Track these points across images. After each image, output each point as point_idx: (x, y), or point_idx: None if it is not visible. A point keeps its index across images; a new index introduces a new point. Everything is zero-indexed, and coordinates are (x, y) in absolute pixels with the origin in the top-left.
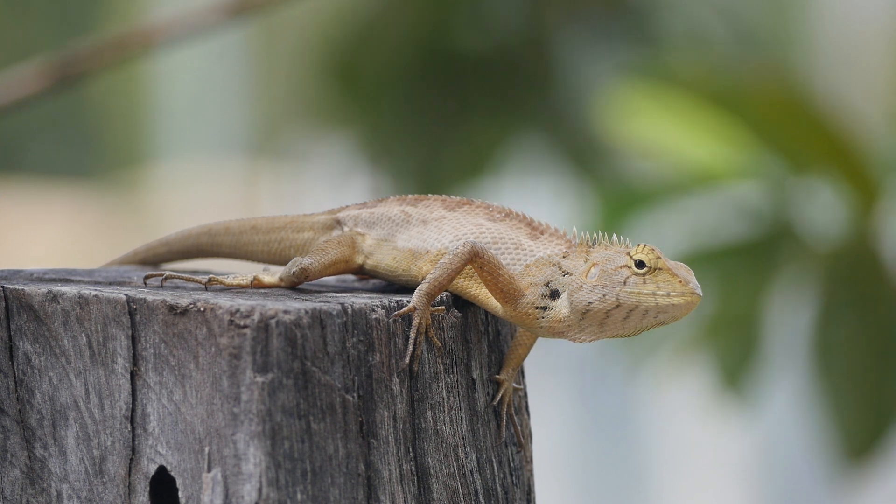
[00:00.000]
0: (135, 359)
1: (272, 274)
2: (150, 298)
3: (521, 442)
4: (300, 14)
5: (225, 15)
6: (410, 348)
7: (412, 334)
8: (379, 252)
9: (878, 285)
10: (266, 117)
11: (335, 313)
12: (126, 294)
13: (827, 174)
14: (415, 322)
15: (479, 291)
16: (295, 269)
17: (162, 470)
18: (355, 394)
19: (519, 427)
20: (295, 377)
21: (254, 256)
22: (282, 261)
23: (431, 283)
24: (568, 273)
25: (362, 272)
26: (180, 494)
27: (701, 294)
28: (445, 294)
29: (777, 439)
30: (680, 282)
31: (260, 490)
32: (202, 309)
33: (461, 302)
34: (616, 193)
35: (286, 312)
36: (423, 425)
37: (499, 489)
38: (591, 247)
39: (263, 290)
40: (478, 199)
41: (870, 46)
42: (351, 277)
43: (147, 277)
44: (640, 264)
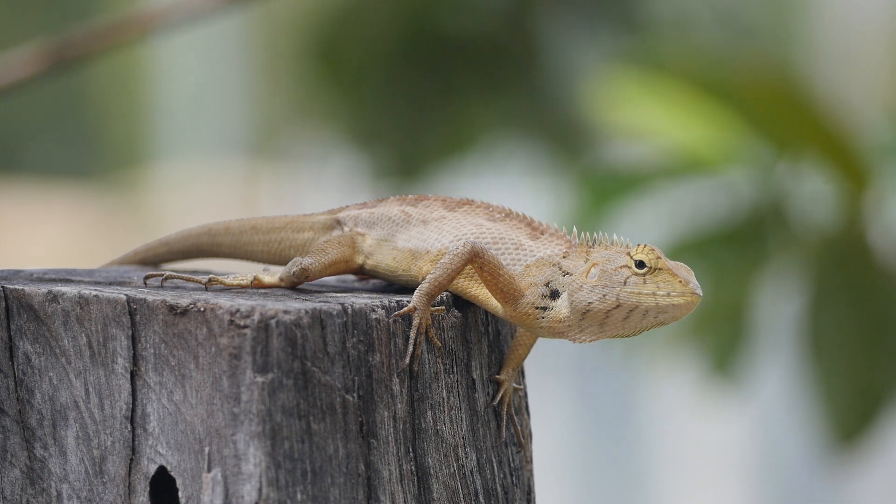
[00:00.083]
0: (135, 359)
1: (272, 274)
2: (150, 298)
3: (521, 442)
4: None
5: (222, 1)
6: (410, 348)
7: (412, 334)
8: (379, 252)
9: (869, 272)
10: (266, 117)
11: (335, 313)
12: (126, 294)
13: (817, 160)
14: (415, 322)
15: (480, 291)
16: (295, 269)
17: (162, 470)
18: (355, 394)
19: (519, 427)
20: (295, 377)
21: (254, 256)
22: (282, 261)
23: (431, 283)
24: (568, 273)
25: (362, 272)
26: (180, 494)
27: (701, 294)
28: (445, 294)
29: (768, 425)
30: (680, 282)
31: (260, 490)
32: (202, 309)
33: (461, 302)
34: (602, 178)
35: (286, 312)
36: (423, 425)
37: (499, 489)
38: (592, 247)
39: (263, 291)
40: (478, 199)
41: (864, 36)
42: (351, 277)
43: (147, 277)
44: (641, 264)
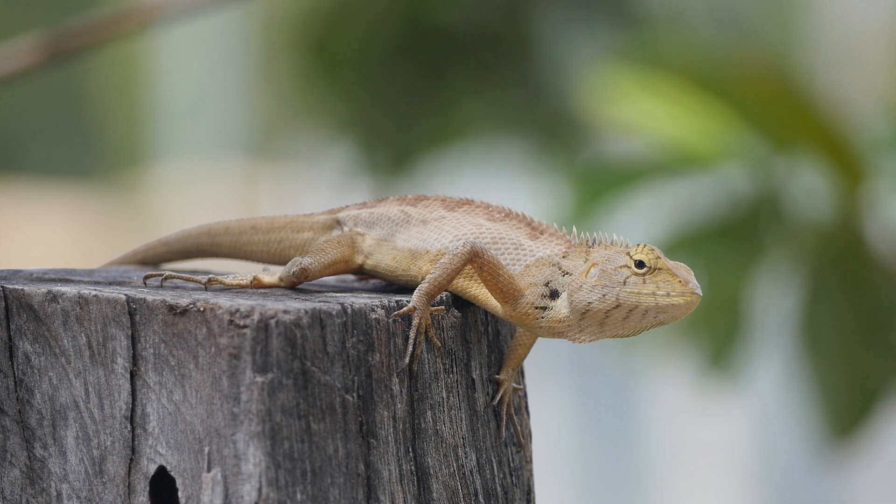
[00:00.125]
0: (135, 359)
1: (272, 274)
2: (150, 298)
3: (521, 442)
4: None
5: None
6: (410, 348)
7: (412, 334)
8: (379, 252)
9: (864, 266)
10: (266, 117)
11: (335, 313)
12: (126, 294)
13: (812, 155)
14: (414, 322)
15: (479, 291)
16: (295, 269)
17: (162, 470)
18: (355, 394)
19: (519, 427)
20: (295, 377)
21: (253, 256)
22: (281, 261)
23: (431, 283)
24: (568, 273)
25: (362, 272)
26: (180, 494)
27: (701, 294)
28: (445, 294)
29: (764, 420)
30: (679, 282)
31: (260, 490)
32: (202, 309)
33: (461, 302)
34: (596, 173)
35: (286, 312)
36: (423, 425)
37: (498, 489)
38: (591, 247)
39: (263, 290)
40: (477, 199)
41: (863, 34)
42: (351, 277)
43: (147, 277)
44: (640, 264)
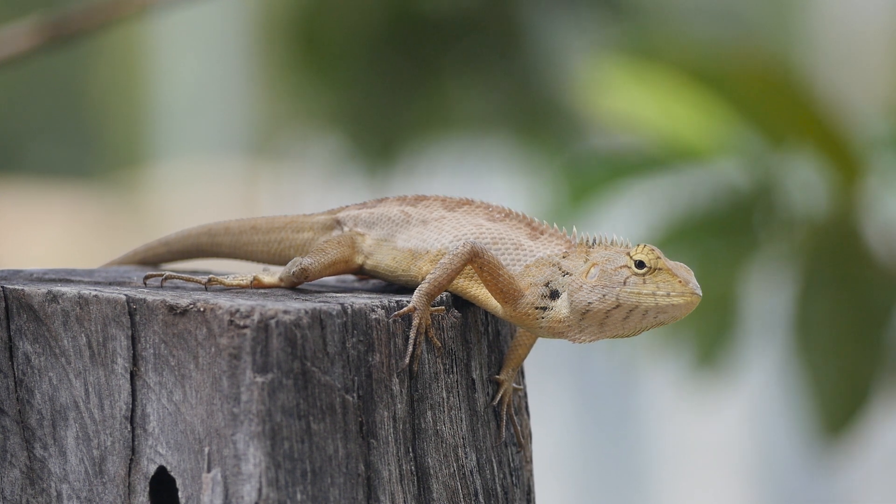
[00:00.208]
0: (135, 359)
1: (272, 274)
2: (150, 298)
3: (521, 442)
4: None
5: None
6: (410, 348)
7: (412, 334)
8: (379, 252)
9: (859, 262)
10: (266, 117)
11: (335, 313)
12: (126, 294)
13: (808, 150)
14: (415, 322)
15: (479, 291)
16: (295, 270)
17: (162, 470)
18: (355, 394)
19: (519, 427)
20: (295, 377)
21: (254, 256)
22: (282, 261)
23: (431, 284)
24: (568, 273)
25: (362, 272)
26: (180, 494)
27: (700, 294)
28: (445, 294)
29: (756, 416)
30: (680, 282)
31: (260, 490)
32: (202, 309)
33: (461, 302)
34: (585, 164)
35: (286, 312)
36: (423, 425)
37: (498, 489)
38: (591, 247)
39: (263, 291)
40: (477, 199)
41: (862, 32)
42: (351, 277)
43: (147, 277)
44: (640, 264)
